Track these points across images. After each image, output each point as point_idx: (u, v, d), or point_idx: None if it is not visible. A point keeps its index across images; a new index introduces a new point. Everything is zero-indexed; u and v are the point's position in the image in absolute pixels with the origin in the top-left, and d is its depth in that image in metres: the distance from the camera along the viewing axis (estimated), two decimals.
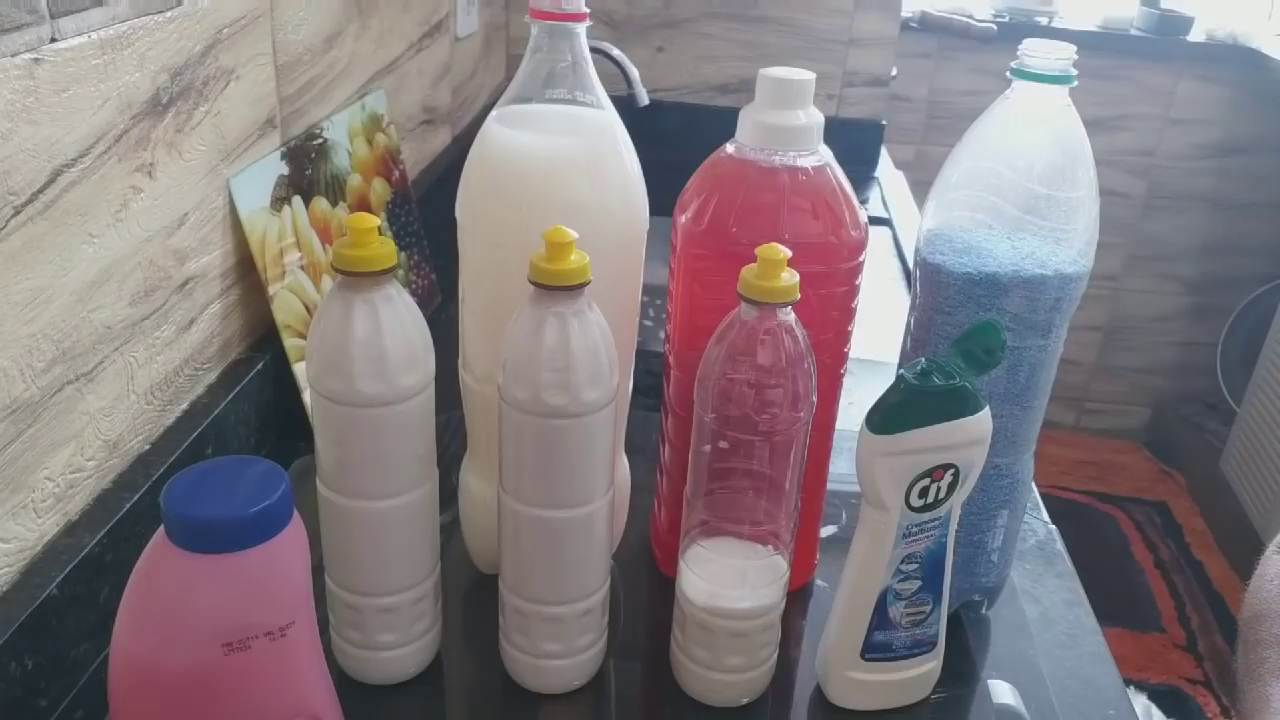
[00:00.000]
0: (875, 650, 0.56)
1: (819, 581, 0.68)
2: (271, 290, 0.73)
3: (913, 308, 0.61)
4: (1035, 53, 0.54)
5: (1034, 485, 0.71)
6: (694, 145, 0.66)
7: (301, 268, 0.76)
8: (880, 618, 0.55)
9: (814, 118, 0.56)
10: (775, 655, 0.58)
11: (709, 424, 0.52)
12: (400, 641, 0.55)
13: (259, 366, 0.73)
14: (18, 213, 0.48)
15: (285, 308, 0.74)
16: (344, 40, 0.89)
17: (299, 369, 0.74)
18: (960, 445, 0.51)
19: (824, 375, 0.55)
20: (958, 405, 0.51)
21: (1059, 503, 2.42)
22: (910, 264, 0.90)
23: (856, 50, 1.56)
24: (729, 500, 0.55)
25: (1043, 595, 0.68)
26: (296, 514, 0.41)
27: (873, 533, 0.53)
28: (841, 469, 0.67)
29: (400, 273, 0.83)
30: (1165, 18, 2.29)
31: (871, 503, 0.53)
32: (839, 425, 0.64)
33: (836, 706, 0.58)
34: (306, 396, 0.71)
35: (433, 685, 0.58)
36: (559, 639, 0.55)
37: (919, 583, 0.55)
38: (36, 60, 0.48)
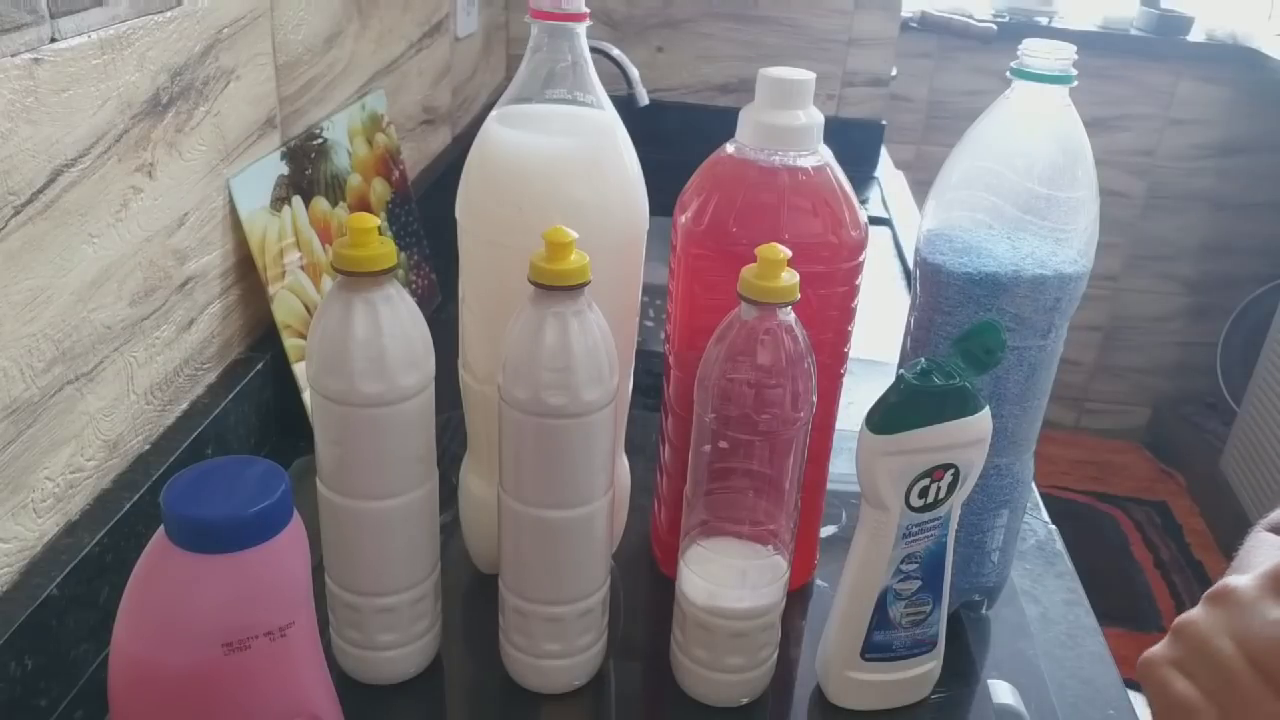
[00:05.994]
0: (875, 650, 0.56)
1: (819, 581, 0.68)
2: (271, 290, 0.73)
3: (913, 308, 0.61)
4: (1035, 53, 0.54)
5: (1034, 485, 0.71)
6: (694, 145, 0.66)
7: (301, 268, 0.76)
8: (880, 618, 0.55)
9: (814, 118, 0.56)
10: (775, 655, 0.58)
11: (709, 424, 0.52)
12: (400, 641, 0.55)
13: (259, 366, 0.73)
14: (18, 213, 0.48)
15: (285, 308, 0.74)
16: (344, 40, 0.89)
17: (299, 369, 0.74)
18: (960, 445, 0.51)
19: (824, 375, 0.55)
20: (958, 405, 0.51)
21: (1059, 503, 2.42)
22: (910, 264, 0.90)
23: (856, 50, 1.56)
24: (729, 500, 0.55)
25: (1043, 595, 0.68)
26: (296, 514, 0.41)
27: (873, 533, 0.53)
28: (841, 469, 0.67)
29: (400, 273, 0.83)
30: (1165, 18, 2.29)
31: (871, 503, 0.53)
32: (839, 425, 0.64)
33: (836, 706, 0.58)
34: (306, 396, 0.71)
35: (433, 685, 0.58)
36: (559, 639, 0.55)
37: (919, 583, 0.55)
38: (36, 60, 0.48)
